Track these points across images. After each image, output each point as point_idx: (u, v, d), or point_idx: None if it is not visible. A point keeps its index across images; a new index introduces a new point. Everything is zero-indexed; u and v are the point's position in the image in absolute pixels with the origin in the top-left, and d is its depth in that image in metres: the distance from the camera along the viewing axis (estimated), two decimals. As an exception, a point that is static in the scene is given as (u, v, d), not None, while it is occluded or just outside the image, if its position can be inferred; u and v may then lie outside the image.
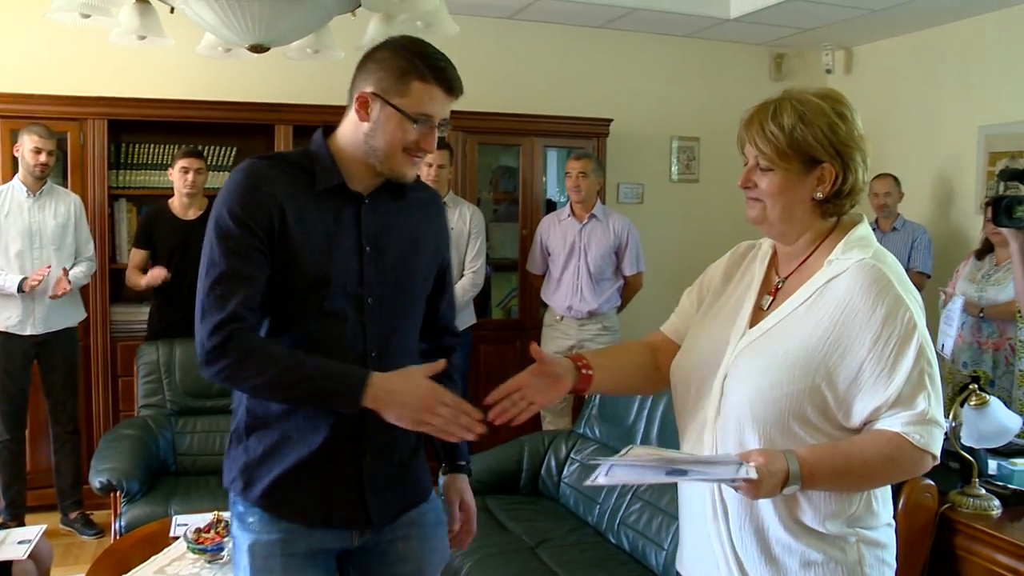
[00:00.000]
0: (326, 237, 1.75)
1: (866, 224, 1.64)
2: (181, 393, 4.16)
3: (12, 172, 4.32)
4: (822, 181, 1.56)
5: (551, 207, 5.56)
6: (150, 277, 4.33)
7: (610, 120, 5.58)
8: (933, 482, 2.50)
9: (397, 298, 1.84)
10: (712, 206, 6.12)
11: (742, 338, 1.61)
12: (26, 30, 4.69)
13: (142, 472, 3.68)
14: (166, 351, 4.19)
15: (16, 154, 4.22)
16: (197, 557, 2.76)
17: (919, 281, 4.54)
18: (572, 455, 3.77)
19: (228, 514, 2.07)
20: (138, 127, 4.74)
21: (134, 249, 4.49)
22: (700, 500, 1.62)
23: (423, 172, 4.68)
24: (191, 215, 4.43)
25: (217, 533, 2.79)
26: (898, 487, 2.40)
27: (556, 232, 4.90)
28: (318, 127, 1.85)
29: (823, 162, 1.54)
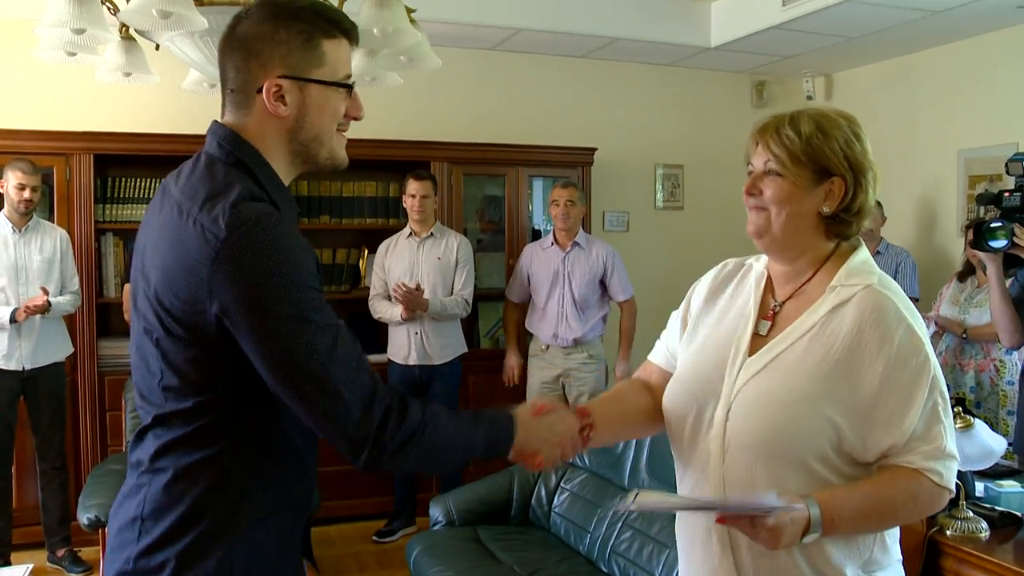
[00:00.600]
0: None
1: (865, 249, 1.60)
2: (168, 427, 4.12)
3: (-1, 208, 4.32)
4: (831, 195, 1.52)
5: (536, 236, 5.59)
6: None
7: (594, 149, 5.62)
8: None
9: None
10: (697, 232, 6.16)
11: (742, 368, 1.54)
12: (11, 65, 4.71)
13: (130, 508, 3.64)
14: (153, 385, 4.16)
15: (1, 190, 4.22)
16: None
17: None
18: (562, 484, 3.77)
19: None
20: (124, 161, 4.75)
21: (127, 285, 4.47)
22: (704, 537, 1.56)
23: (408, 203, 4.72)
24: (179, 249, 4.41)
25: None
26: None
27: (539, 261, 4.92)
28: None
29: (834, 175, 1.51)
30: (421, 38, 2.93)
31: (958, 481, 2.55)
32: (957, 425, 2.54)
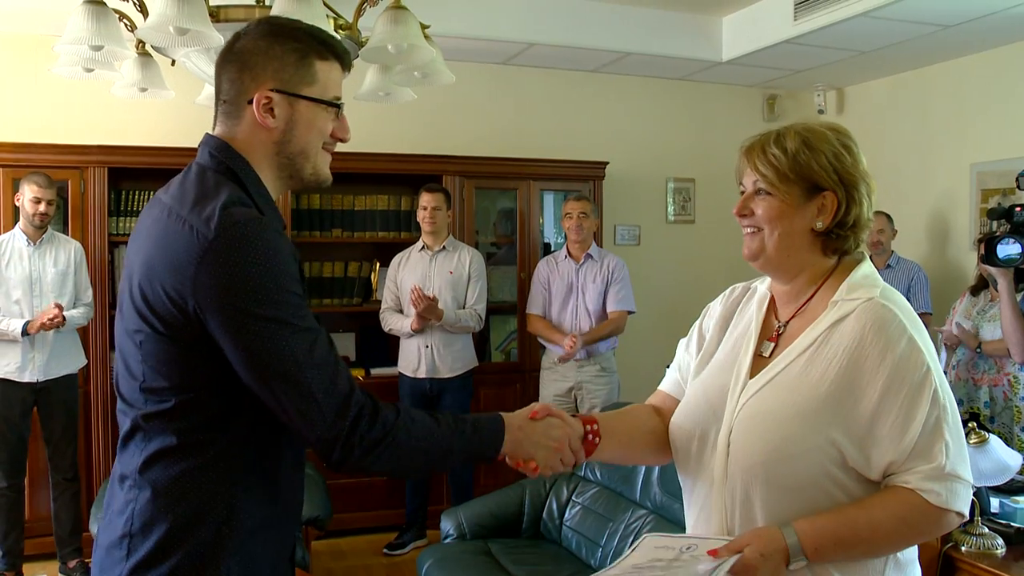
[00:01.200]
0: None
1: (869, 263, 1.57)
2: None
3: (14, 221, 4.35)
4: (823, 211, 1.49)
5: (547, 250, 5.59)
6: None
7: (606, 163, 5.63)
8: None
9: None
10: (709, 246, 6.17)
11: (743, 390, 1.52)
12: (28, 80, 4.76)
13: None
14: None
15: (17, 203, 4.25)
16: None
17: (923, 321, 4.53)
18: (574, 498, 3.76)
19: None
20: (138, 175, 4.78)
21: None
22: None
23: (420, 215, 4.73)
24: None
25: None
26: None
27: (555, 274, 4.92)
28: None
29: (825, 190, 1.49)
30: (435, 54, 2.94)
31: (973, 497, 2.57)
32: (971, 441, 2.53)
